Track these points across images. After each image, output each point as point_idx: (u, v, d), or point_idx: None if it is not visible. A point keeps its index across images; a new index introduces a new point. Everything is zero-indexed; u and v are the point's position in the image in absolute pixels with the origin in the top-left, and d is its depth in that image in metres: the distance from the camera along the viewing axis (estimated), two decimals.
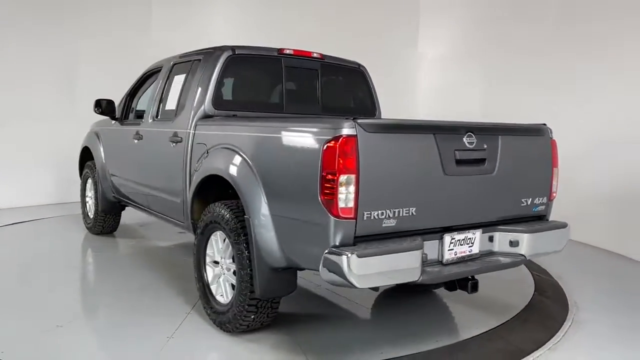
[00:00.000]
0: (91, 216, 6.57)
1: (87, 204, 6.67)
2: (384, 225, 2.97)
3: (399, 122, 3.10)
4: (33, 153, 8.36)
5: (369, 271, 2.81)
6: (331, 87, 4.83)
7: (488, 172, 3.40)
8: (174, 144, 4.43)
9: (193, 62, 4.62)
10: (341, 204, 2.83)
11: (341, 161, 2.81)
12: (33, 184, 8.49)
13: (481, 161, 3.36)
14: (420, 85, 8.37)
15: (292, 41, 7.12)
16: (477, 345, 3.73)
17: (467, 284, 3.45)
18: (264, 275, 3.38)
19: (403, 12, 8.61)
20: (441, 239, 3.25)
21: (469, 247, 3.40)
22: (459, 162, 3.24)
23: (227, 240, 3.70)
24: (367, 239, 2.94)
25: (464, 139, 3.27)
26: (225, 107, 4.27)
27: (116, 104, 5.84)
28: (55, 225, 7.28)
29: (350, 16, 8.51)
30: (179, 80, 4.75)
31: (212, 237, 3.89)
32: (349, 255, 2.76)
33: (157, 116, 4.95)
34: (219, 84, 4.25)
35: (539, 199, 3.71)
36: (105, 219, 6.37)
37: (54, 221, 7.53)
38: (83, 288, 4.92)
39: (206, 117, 4.22)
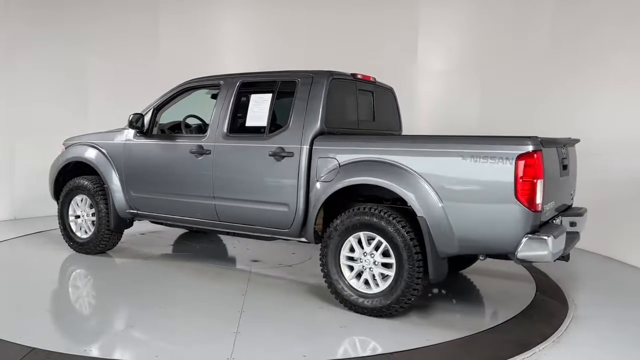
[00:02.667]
0: (84, 236, 6.23)
1: (75, 224, 6.29)
2: (546, 215, 4.08)
3: (550, 139, 4.20)
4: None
5: (556, 249, 3.89)
6: (379, 106, 5.66)
7: (567, 174, 4.72)
8: (279, 158, 4.83)
9: (280, 83, 5.06)
10: (536, 201, 3.85)
11: (537, 169, 3.83)
12: None
13: (567, 166, 4.66)
14: (419, 98, 8.81)
15: (295, 58, 7.81)
16: (488, 337, 4.14)
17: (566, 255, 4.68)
18: (436, 262, 4.20)
19: (402, 26, 8.87)
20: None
21: None
22: (563, 167, 4.50)
23: (377, 238, 4.36)
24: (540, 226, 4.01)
25: (562, 150, 4.53)
26: (329, 125, 4.85)
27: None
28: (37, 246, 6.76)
29: (350, 32, 8.85)
30: (261, 98, 5.10)
31: (351, 239, 4.50)
32: (547, 237, 3.81)
33: (230, 132, 5.20)
34: (327, 104, 4.82)
35: (574, 191, 5.17)
36: (110, 237, 6.14)
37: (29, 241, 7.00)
38: (207, 303, 4.80)
39: (320, 134, 4.76)
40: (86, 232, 6.25)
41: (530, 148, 3.86)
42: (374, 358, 3.72)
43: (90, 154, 6.11)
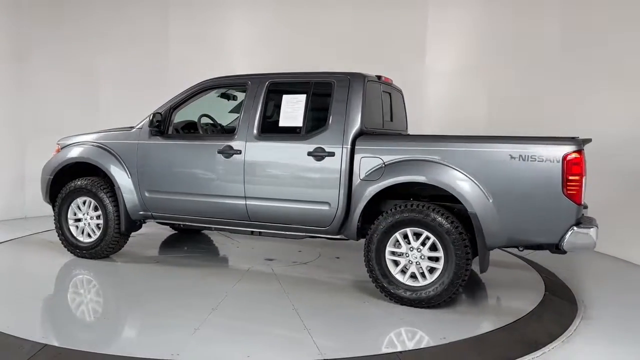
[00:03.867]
0: (88, 240, 5.95)
1: (75, 228, 6.02)
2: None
3: (585, 139, 4.57)
4: None
5: (597, 239, 4.31)
6: (395, 106, 5.90)
7: None
8: (319, 158, 4.93)
9: (314, 84, 5.16)
10: (581, 196, 4.24)
11: (582, 167, 4.23)
12: None
13: None
14: (428, 98, 8.67)
15: (302, 59, 7.87)
16: (497, 337, 4.13)
17: None
18: (484, 255, 4.51)
19: (410, 26, 8.89)
20: None
21: None
22: None
23: (425, 233, 4.59)
24: None
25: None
26: (366, 126, 5.02)
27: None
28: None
29: (358, 32, 8.89)
30: (294, 99, 5.16)
31: (397, 235, 4.70)
32: (592, 228, 4.23)
33: (262, 132, 5.21)
34: (365, 105, 4.99)
35: None
36: (119, 240, 5.93)
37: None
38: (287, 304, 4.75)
39: (359, 134, 4.92)
40: (90, 235, 5.98)
41: (575, 148, 4.25)
42: (383, 357, 3.74)
43: (97, 154, 5.86)
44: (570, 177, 4.23)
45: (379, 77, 5.45)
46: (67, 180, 6.09)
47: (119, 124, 6.53)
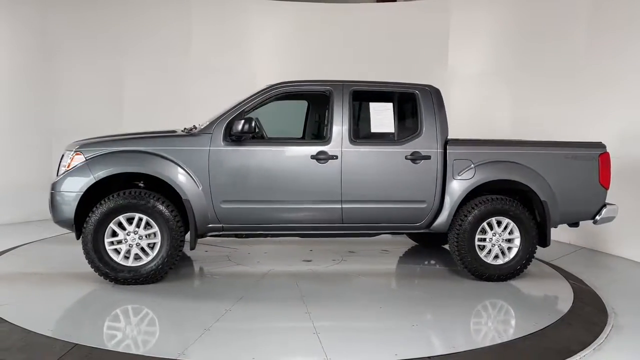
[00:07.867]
0: (135, 264, 5.13)
1: (114, 251, 5.13)
2: None
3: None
4: None
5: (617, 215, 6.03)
6: None
7: None
8: (416, 161, 5.51)
9: (399, 94, 5.70)
10: (609, 184, 5.91)
11: (609, 163, 5.88)
12: None
13: None
14: (450, 101, 7.59)
15: (324, 60, 8.13)
16: (527, 344, 4.11)
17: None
18: (550, 233, 5.82)
19: (433, 29, 9.00)
20: None
21: None
22: None
23: (506, 221, 5.66)
24: None
25: None
26: None
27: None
28: None
29: (382, 35, 8.72)
30: (382, 107, 5.57)
31: (484, 223, 5.66)
32: (615, 206, 5.94)
33: (354, 137, 5.45)
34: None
35: None
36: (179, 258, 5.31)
37: None
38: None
39: (447, 140, 5.67)
40: (138, 258, 5.18)
41: (605, 150, 5.88)
42: None
43: (156, 164, 5.12)
44: (603, 170, 5.86)
45: None
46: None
47: (142, 125, 6.19)
